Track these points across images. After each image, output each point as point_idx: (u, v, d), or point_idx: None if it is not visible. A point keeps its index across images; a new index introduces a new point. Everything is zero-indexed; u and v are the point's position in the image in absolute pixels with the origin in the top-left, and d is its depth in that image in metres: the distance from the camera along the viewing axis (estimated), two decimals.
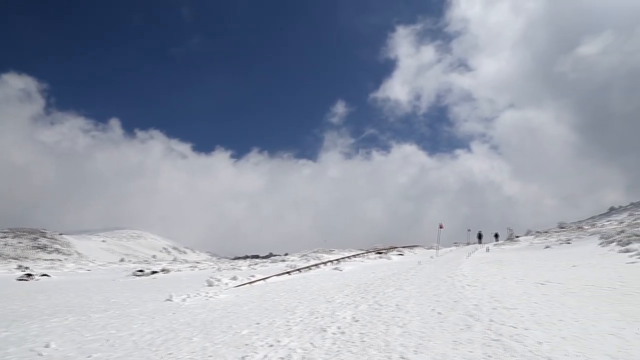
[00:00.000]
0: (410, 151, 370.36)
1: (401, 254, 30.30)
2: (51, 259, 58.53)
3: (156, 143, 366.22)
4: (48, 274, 25.90)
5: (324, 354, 5.55)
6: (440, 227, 27.92)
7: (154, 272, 25.26)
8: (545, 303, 7.86)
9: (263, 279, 16.97)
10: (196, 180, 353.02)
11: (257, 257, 51.78)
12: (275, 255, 44.85)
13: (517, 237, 32.66)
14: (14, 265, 33.77)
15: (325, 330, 6.98)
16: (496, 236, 38.05)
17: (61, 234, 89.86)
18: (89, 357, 6.17)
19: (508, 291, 9.48)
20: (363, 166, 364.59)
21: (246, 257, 58.33)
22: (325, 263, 23.65)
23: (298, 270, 20.43)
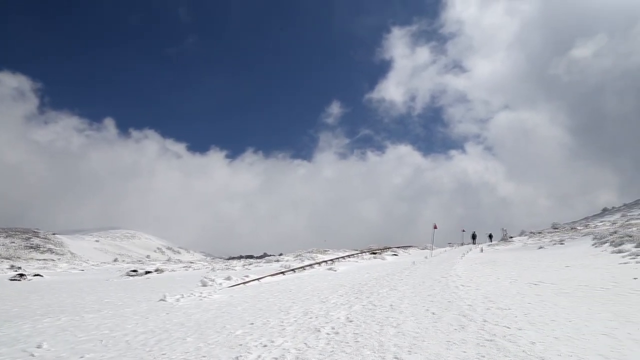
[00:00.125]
0: (405, 152, 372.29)
1: (395, 255, 30.37)
2: (44, 259, 58.09)
3: (151, 143, 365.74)
4: (41, 274, 25.67)
5: (318, 354, 5.54)
6: (434, 228, 28.05)
7: (148, 272, 25.11)
8: (538, 303, 7.91)
9: (257, 279, 16.93)
10: (191, 180, 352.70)
11: (252, 257, 51.69)
12: (269, 255, 44.73)
13: (511, 238, 32.84)
14: (7, 265, 33.42)
15: (319, 330, 6.97)
16: (490, 237, 38.29)
17: (54, 234, 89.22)
18: (82, 358, 6.11)
19: (502, 291, 9.53)
20: (358, 166, 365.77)
21: (240, 257, 58.21)
22: (319, 263, 23.63)
23: (292, 270, 20.40)
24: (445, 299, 8.92)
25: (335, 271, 19.44)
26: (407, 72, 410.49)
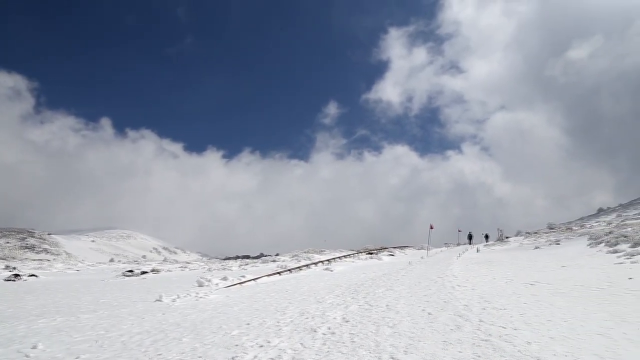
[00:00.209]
0: (401, 152, 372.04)
1: (392, 255, 30.41)
2: (39, 259, 57.84)
3: (147, 143, 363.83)
4: (36, 274, 25.55)
5: (314, 355, 5.54)
6: (430, 228, 28.11)
7: (144, 273, 25.05)
8: (534, 303, 7.93)
9: (254, 280, 16.90)
10: (187, 180, 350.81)
11: (248, 258, 51.58)
12: (266, 255, 44.70)
13: (507, 238, 32.96)
14: (1, 265, 33.21)
15: (315, 330, 6.97)
16: (486, 237, 38.35)
17: (50, 234, 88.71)
18: (78, 358, 6.09)
19: (498, 292, 9.56)
20: (355, 167, 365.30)
21: (237, 258, 58.06)
22: (316, 263, 23.63)
23: (289, 270, 20.39)
24: (441, 299, 8.94)
25: (331, 271, 19.45)
26: (404, 73, 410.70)
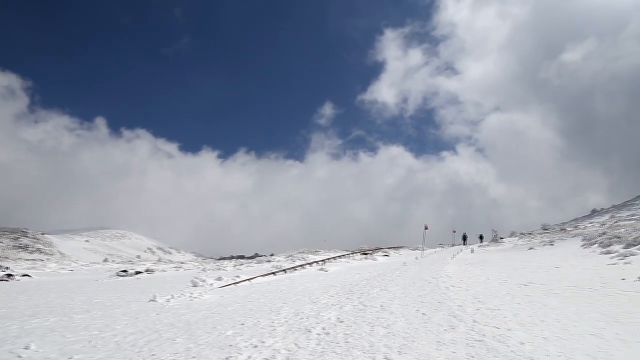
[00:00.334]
0: (397, 153, 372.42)
1: (387, 255, 30.46)
2: (33, 259, 57.33)
3: (142, 142, 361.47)
4: (29, 274, 25.32)
5: (309, 355, 5.54)
6: (425, 229, 28.14)
7: (138, 273, 24.90)
8: (528, 304, 7.98)
9: (248, 280, 16.87)
10: (182, 180, 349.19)
11: (243, 258, 51.43)
12: (261, 255, 44.59)
13: (502, 239, 33.10)
14: None
15: (309, 331, 6.96)
16: (481, 237, 38.54)
17: (43, 234, 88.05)
18: (71, 359, 6.05)
19: (492, 292, 9.60)
20: (350, 167, 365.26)
21: (231, 258, 57.89)
22: (310, 264, 23.62)
23: (283, 270, 20.37)
24: (435, 300, 8.97)
25: (326, 272, 19.45)
26: (400, 74, 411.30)
